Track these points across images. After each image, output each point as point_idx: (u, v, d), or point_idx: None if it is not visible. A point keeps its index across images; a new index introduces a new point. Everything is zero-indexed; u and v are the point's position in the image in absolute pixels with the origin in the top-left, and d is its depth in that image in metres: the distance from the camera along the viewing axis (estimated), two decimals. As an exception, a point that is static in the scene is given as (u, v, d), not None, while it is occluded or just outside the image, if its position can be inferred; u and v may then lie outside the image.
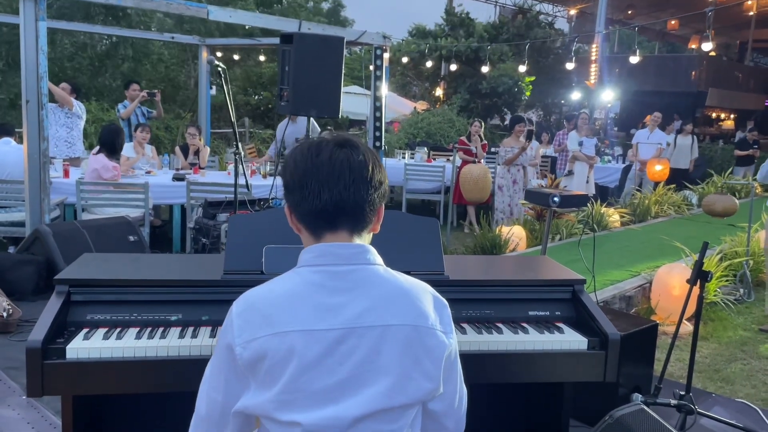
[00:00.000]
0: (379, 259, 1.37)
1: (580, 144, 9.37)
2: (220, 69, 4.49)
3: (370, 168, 1.36)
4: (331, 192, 1.31)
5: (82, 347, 1.78)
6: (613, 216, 8.20)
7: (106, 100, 11.37)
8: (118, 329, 1.89)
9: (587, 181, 9.26)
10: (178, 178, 6.75)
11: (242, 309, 1.29)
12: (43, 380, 1.73)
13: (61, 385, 1.78)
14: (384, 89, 6.98)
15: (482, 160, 8.68)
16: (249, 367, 1.25)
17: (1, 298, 4.28)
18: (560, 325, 2.16)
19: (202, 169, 7.38)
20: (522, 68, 14.32)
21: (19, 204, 5.65)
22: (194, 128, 7.93)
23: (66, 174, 6.53)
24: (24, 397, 3.30)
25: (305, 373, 1.23)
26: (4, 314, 4.12)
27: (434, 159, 10.26)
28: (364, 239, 1.38)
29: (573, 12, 19.48)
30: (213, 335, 1.90)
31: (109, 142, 6.25)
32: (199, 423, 1.34)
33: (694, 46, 21.11)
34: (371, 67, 6.98)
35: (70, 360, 1.76)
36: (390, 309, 1.30)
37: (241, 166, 4.76)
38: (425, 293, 1.37)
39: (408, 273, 1.39)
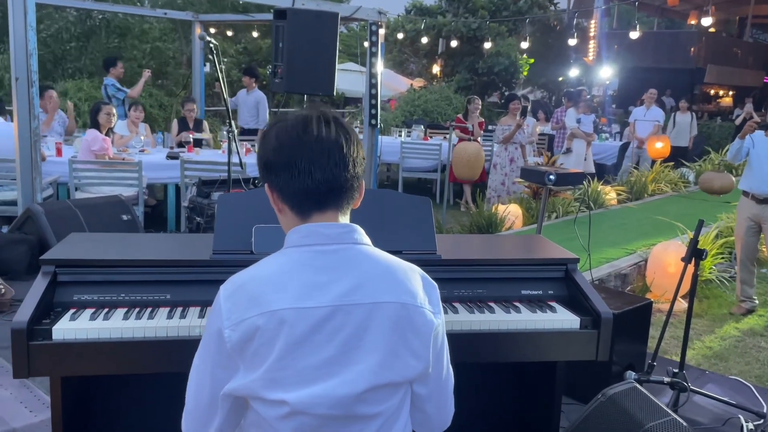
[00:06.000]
0: (366, 239, 1.36)
1: (578, 121, 9.32)
2: (212, 45, 4.43)
3: (355, 144, 1.34)
4: (323, 171, 1.29)
5: (69, 328, 1.75)
6: (610, 194, 8.19)
7: (96, 78, 11.23)
8: (106, 310, 1.87)
9: (585, 159, 9.24)
10: (172, 156, 6.71)
11: (230, 292, 1.27)
12: (29, 361, 1.72)
13: (47, 366, 1.76)
14: (379, 66, 6.89)
15: (479, 138, 8.62)
16: (238, 349, 1.23)
17: (-6, 277, 4.26)
18: (553, 304, 2.15)
19: (198, 147, 7.32)
20: (524, 44, 14.16)
21: (10, 183, 5.60)
22: (191, 102, 7.88)
23: (59, 152, 6.47)
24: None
25: (293, 350, 1.22)
26: (-3, 294, 4.11)
27: (431, 137, 10.20)
28: (347, 216, 1.36)
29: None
30: (202, 316, 1.88)
31: (92, 118, 6.28)
32: (189, 413, 1.33)
33: (693, 22, 20.88)
34: (366, 44, 6.90)
35: (57, 341, 1.74)
36: (378, 287, 1.29)
37: (234, 144, 4.72)
38: (413, 273, 1.36)
39: (400, 252, 1.37)
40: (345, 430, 1.27)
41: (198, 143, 7.40)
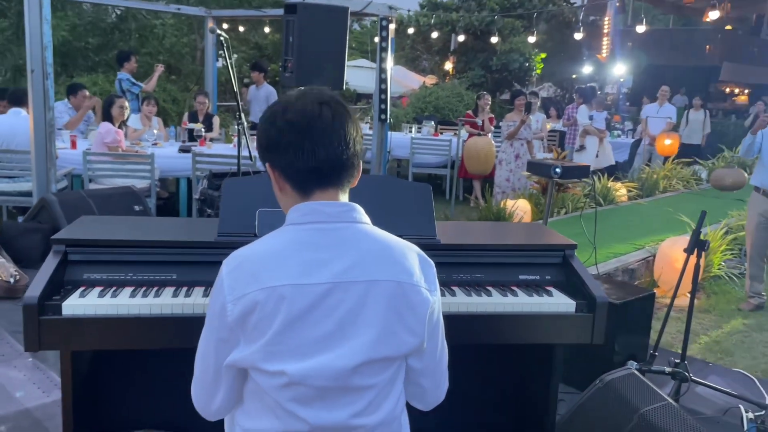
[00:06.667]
0: (365, 218, 1.40)
1: (591, 118, 9.31)
2: (222, 39, 4.49)
3: (354, 123, 1.38)
4: (326, 150, 1.33)
5: (78, 304, 1.82)
6: (621, 190, 8.17)
7: (113, 73, 11.39)
8: (114, 288, 1.94)
9: (597, 155, 9.21)
10: (184, 150, 6.79)
11: (232, 268, 1.32)
12: (39, 335, 1.78)
13: (57, 340, 1.83)
14: (389, 61, 6.93)
15: (489, 134, 8.63)
16: (239, 323, 1.28)
17: (9, 264, 4.36)
18: (550, 288, 2.19)
19: (212, 140, 7.39)
20: (531, 39, 14.11)
21: (26, 174, 5.71)
22: (203, 96, 7.97)
23: (73, 145, 6.58)
24: (30, 359, 3.38)
25: (292, 325, 1.27)
26: (12, 280, 4.21)
27: (441, 133, 10.22)
28: (347, 195, 1.41)
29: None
30: (206, 295, 1.94)
31: (105, 110, 6.37)
32: (197, 384, 1.40)
33: (708, 20, 20.73)
34: (376, 39, 6.93)
35: (66, 316, 1.80)
36: (375, 265, 1.33)
37: (244, 137, 4.78)
38: (410, 251, 1.40)
39: (400, 237, 1.41)
40: (340, 401, 1.32)
41: (194, 135, 7.43)
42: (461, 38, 15.76)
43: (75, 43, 12.53)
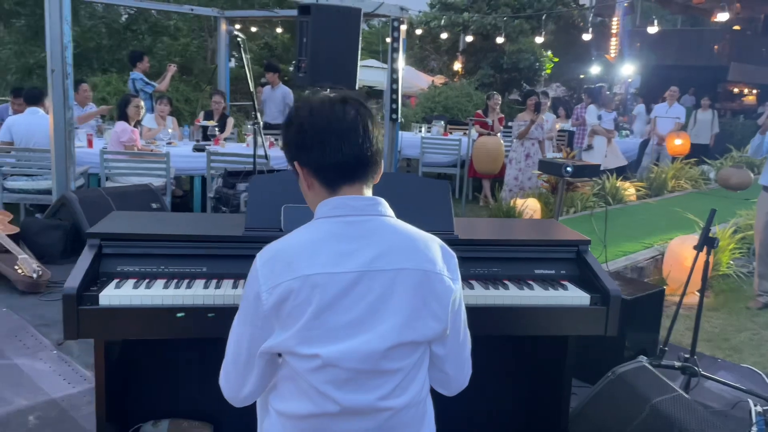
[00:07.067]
0: (389, 211, 1.49)
1: (599, 118, 9.35)
2: (239, 39, 4.58)
3: (375, 121, 1.47)
4: (351, 147, 1.42)
5: (114, 294, 1.91)
6: (629, 190, 8.22)
7: (126, 73, 11.54)
8: (147, 280, 2.02)
9: (606, 156, 9.25)
10: (198, 149, 6.89)
11: (266, 259, 1.40)
12: (78, 324, 1.87)
13: (94, 329, 1.91)
14: (401, 62, 7.01)
15: (499, 134, 8.69)
16: (274, 311, 1.37)
17: (32, 260, 4.46)
18: (565, 282, 2.26)
19: (225, 139, 7.49)
20: (539, 39, 14.18)
21: (45, 172, 5.82)
22: (219, 95, 8.07)
23: (90, 144, 6.69)
24: (55, 352, 3.48)
25: (324, 311, 1.35)
26: (34, 275, 4.31)
27: (451, 133, 10.29)
28: (371, 190, 1.50)
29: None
30: (235, 287, 2.02)
31: (120, 110, 6.47)
32: (228, 368, 1.47)
33: (717, 20, 20.71)
34: (388, 40, 7.01)
35: (103, 306, 1.89)
36: (401, 255, 1.41)
37: (260, 136, 4.87)
38: (433, 242, 1.49)
39: (420, 230, 1.49)
40: (370, 383, 1.40)
41: (207, 134, 7.53)
42: (470, 38, 15.81)
43: (87, 44, 12.68)
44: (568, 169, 4.20)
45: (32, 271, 4.31)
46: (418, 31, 16.81)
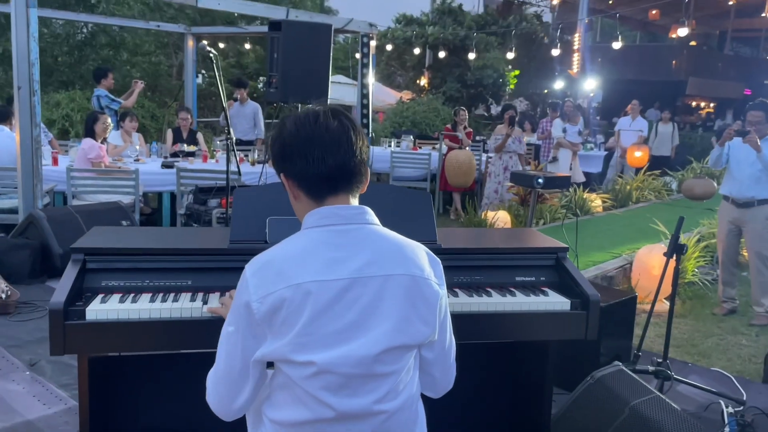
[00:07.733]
0: (376, 220, 1.53)
1: (564, 131, 9.56)
2: (211, 55, 4.58)
3: (360, 134, 1.51)
4: (335, 157, 1.45)
5: (101, 309, 1.90)
6: (596, 201, 8.41)
7: (89, 89, 11.37)
8: (132, 294, 2.01)
9: (571, 168, 9.46)
10: (167, 165, 6.83)
11: (256, 269, 1.42)
12: (65, 340, 1.85)
13: (80, 344, 1.90)
14: (371, 77, 7.10)
15: (467, 148, 8.82)
16: (266, 320, 1.38)
17: (0, 280, 4.35)
18: (545, 289, 2.32)
19: (192, 156, 7.43)
20: (510, 55, 14.49)
21: (10, 191, 5.69)
22: (185, 111, 8.00)
23: (55, 162, 6.57)
24: (28, 373, 3.40)
25: (318, 318, 1.38)
26: (3, 296, 4.21)
27: (420, 147, 10.39)
28: (356, 199, 1.53)
29: (556, 1, 19.62)
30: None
31: (87, 127, 6.38)
32: (220, 380, 1.47)
33: (674, 36, 21.39)
34: (358, 55, 7.09)
35: (90, 321, 1.87)
36: (390, 261, 1.45)
37: (232, 151, 4.85)
38: (419, 249, 1.53)
39: (403, 239, 1.53)
40: (364, 387, 1.42)
41: (191, 155, 7.50)
42: (441, 55, 16.03)
43: (45, 59, 12.46)
44: (540, 180, 4.30)
45: (0, 291, 4.21)
46: (389, 47, 16.96)
